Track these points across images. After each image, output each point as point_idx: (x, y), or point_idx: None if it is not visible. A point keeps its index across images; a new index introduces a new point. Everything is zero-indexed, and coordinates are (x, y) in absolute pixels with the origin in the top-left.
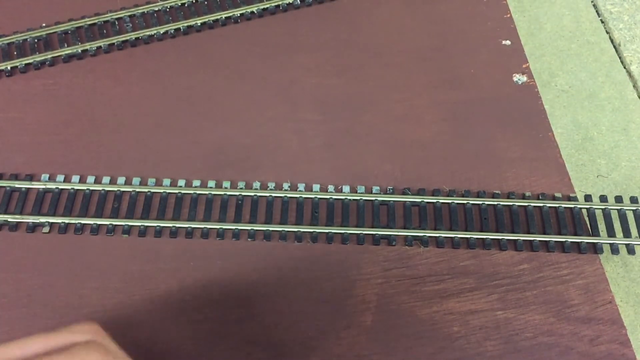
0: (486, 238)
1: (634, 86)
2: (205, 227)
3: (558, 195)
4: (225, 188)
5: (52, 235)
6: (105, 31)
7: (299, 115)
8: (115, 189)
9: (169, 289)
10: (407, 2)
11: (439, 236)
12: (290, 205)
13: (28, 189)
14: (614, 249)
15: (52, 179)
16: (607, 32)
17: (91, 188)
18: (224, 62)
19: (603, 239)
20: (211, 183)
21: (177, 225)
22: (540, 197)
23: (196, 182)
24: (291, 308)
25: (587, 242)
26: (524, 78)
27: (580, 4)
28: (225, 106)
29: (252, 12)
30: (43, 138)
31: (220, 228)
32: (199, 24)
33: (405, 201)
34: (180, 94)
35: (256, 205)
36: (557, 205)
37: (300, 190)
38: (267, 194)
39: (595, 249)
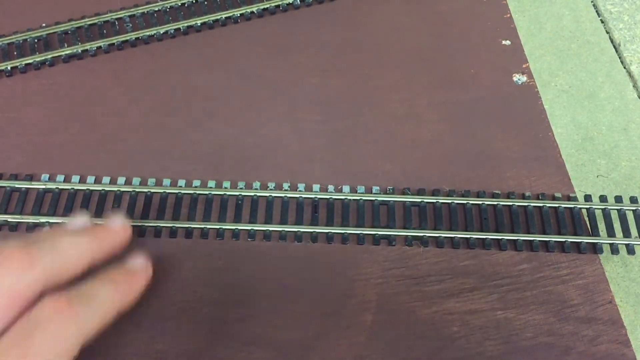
0: (486, 238)
1: (634, 86)
2: (205, 227)
3: (558, 195)
4: (225, 188)
5: None
6: (105, 31)
7: (299, 115)
8: (115, 189)
9: (169, 289)
10: (407, 2)
11: (439, 236)
12: (290, 205)
13: (28, 189)
14: (614, 249)
15: (52, 179)
16: (607, 32)
17: (91, 188)
18: (224, 62)
19: (603, 239)
20: (211, 183)
21: (177, 225)
22: (540, 197)
23: (196, 182)
24: (291, 308)
25: (587, 242)
26: (524, 78)
27: (580, 4)
28: (225, 106)
29: (252, 12)
30: (43, 138)
31: (221, 228)
32: (199, 24)
33: (405, 201)
34: (180, 94)
35: (256, 205)
36: (557, 205)
37: (300, 190)
38: (267, 194)
39: (595, 249)
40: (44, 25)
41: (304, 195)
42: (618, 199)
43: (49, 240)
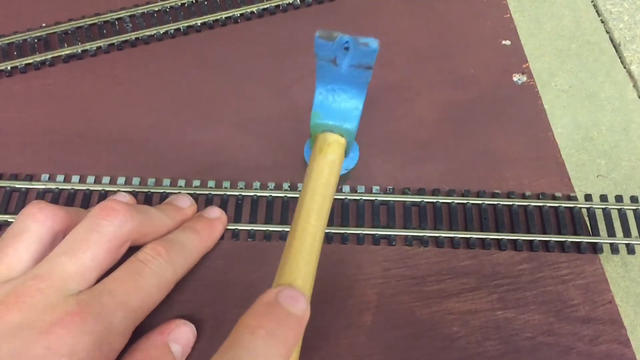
0: (486, 238)
1: (634, 86)
2: None
3: (558, 195)
4: (225, 188)
5: None
6: (105, 31)
7: (299, 115)
8: (115, 189)
9: None
10: (407, 2)
11: (439, 236)
12: (291, 205)
13: (28, 189)
14: (614, 249)
15: (52, 179)
16: (607, 32)
17: (91, 188)
18: (224, 62)
19: (603, 239)
20: (211, 183)
21: None
22: (540, 197)
23: (196, 182)
24: None
25: (587, 242)
26: (524, 78)
27: (580, 4)
28: (225, 106)
29: (252, 12)
30: (43, 138)
31: None
32: (199, 24)
33: (405, 201)
34: (180, 94)
35: (256, 205)
36: (557, 205)
37: (300, 190)
38: (267, 194)
39: (595, 248)
40: (44, 25)
41: None
42: (618, 199)
43: (142, 207)
